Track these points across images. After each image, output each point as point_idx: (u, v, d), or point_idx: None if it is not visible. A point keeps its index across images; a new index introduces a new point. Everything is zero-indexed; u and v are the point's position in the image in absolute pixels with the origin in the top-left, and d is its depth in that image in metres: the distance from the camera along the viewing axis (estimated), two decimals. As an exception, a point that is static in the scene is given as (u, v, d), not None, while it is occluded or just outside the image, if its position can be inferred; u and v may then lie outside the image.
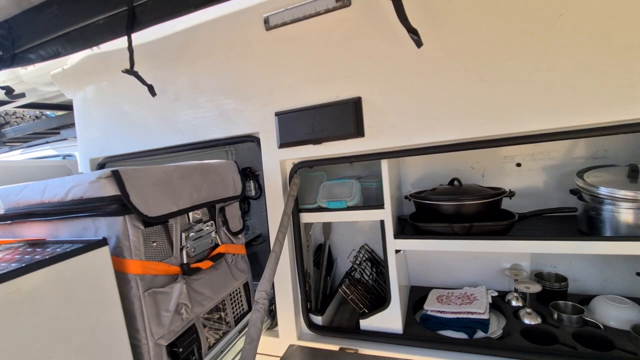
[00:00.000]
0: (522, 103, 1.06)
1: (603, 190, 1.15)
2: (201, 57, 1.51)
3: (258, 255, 2.29)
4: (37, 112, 3.02)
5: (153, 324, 0.92)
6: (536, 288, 1.36)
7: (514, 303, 1.46)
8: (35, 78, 2.08)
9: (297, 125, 1.34)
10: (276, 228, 1.22)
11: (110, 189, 0.86)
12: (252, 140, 1.47)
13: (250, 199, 2.44)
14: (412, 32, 1.06)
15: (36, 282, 0.70)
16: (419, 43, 1.07)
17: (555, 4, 1.00)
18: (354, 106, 1.24)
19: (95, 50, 1.76)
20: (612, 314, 1.26)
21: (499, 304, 1.47)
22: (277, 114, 1.37)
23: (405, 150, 1.25)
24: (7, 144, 3.08)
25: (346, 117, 1.26)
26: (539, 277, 1.51)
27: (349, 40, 1.25)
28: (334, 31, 1.26)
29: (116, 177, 0.87)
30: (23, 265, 0.70)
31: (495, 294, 1.48)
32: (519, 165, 1.56)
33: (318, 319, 1.47)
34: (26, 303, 0.67)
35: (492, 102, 1.09)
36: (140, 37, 1.53)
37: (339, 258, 1.96)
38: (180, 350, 1.00)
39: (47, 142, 2.66)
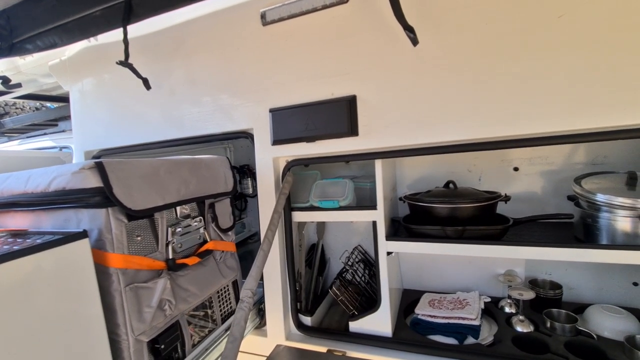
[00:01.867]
0: (520, 105, 1.04)
1: (600, 197, 1.12)
2: (197, 51, 1.49)
3: (253, 253, 2.26)
4: (37, 103, 3.03)
5: (134, 319, 0.91)
6: (529, 295, 1.33)
7: (507, 310, 1.44)
8: (33, 69, 2.08)
9: (291, 123, 1.32)
10: (266, 226, 1.20)
11: (93, 181, 0.84)
12: (246, 136, 1.45)
13: (247, 196, 2.42)
14: (409, 30, 1.04)
15: (13, 272, 0.68)
16: (415, 41, 1.05)
17: (555, 5, 0.97)
18: (349, 104, 1.22)
19: (92, 42, 1.75)
20: (606, 324, 1.23)
21: (491, 310, 1.45)
22: (272, 111, 1.35)
23: (400, 151, 1.23)
24: (5, 134, 3.09)
25: (340, 115, 1.24)
26: (533, 283, 1.48)
27: (345, 38, 1.23)
28: (330, 28, 1.24)
29: (99, 168, 0.85)
30: (0, 254, 0.68)
31: (489, 299, 1.45)
32: (516, 169, 1.54)
33: (307, 320, 1.44)
34: (1, 293, 0.66)
35: (489, 104, 1.07)
36: (136, 30, 1.52)
37: (332, 258, 1.94)
38: (162, 347, 0.98)
39: (45, 134, 2.65)
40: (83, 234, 0.81)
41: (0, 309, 0.66)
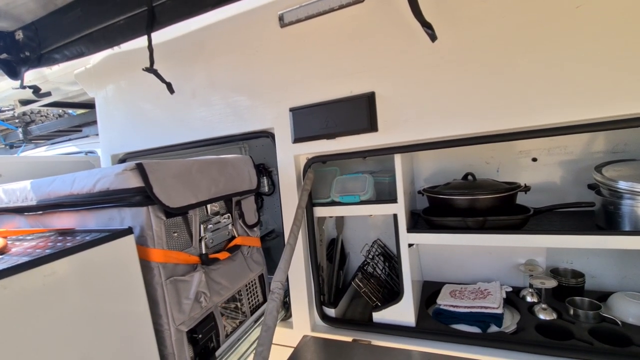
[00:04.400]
0: (539, 96, 1.05)
1: (622, 185, 1.13)
2: (217, 55, 1.55)
3: (271, 250, 2.33)
4: (60, 111, 3.14)
5: (174, 310, 0.96)
6: (552, 283, 1.34)
7: (528, 299, 1.45)
8: (59, 78, 2.18)
9: (311, 121, 1.36)
10: (290, 222, 1.25)
11: (134, 181, 0.90)
12: (267, 135, 1.50)
13: (263, 195, 2.48)
14: (427, 26, 1.06)
15: (69, 266, 0.75)
16: (433, 37, 1.07)
17: (573, -5, 0.99)
18: (368, 101, 1.26)
19: (116, 49, 1.82)
20: (630, 310, 1.23)
21: (513, 299, 1.47)
22: (292, 110, 1.40)
23: (419, 145, 1.25)
24: (32, 141, 3.23)
25: (360, 112, 1.27)
26: (554, 273, 1.49)
27: (362, 36, 1.26)
28: (347, 27, 1.28)
29: (140, 169, 0.91)
30: (57, 251, 0.74)
31: (510, 289, 1.47)
32: (534, 160, 1.55)
33: (331, 312, 1.49)
34: (60, 286, 0.72)
35: (507, 95, 1.08)
36: (158, 36, 1.57)
37: (352, 253, 1.98)
38: (200, 336, 1.04)
39: (69, 140, 2.76)
40: (128, 231, 0.87)
41: (60, 300, 0.72)
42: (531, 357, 1.14)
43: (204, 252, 1.11)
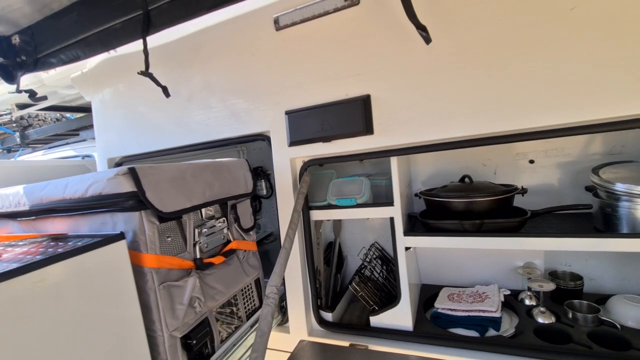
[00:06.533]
0: (535, 98, 1.05)
1: (619, 187, 1.12)
2: (213, 58, 1.54)
3: (269, 253, 2.32)
4: (58, 114, 3.14)
5: (168, 316, 0.95)
6: (550, 286, 1.33)
7: (527, 302, 1.44)
8: (56, 82, 2.17)
9: (307, 124, 1.36)
10: (286, 225, 1.24)
11: (127, 186, 0.89)
12: (263, 139, 1.49)
13: (261, 198, 2.47)
14: (421, 28, 1.06)
15: (59, 272, 0.74)
16: (427, 40, 1.07)
17: (568, -3, 0.98)
18: (363, 104, 1.25)
19: (112, 53, 1.82)
20: (630, 313, 1.22)
21: (511, 302, 1.45)
22: (287, 113, 1.39)
23: (415, 147, 1.25)
24: (30, 145, 3.22)
25: (355, 114, 1.27)
26: (553, 275, 1.48)
27: (357, 39, 1.25)
28: (343, 30, 1.27)
29: (133, 174, 0.90)
30: (47, 257, 0.74)
31: (508, 292, 1.46)
32: (532, 162, 1.54)
33: (328, 316, 1.48)
34: (50, 292, 0.71)
35: (503, 98, 1.08)
36: (154, 40, 1.58)
37: (349, 256, 1.97)
38: (194, 342, 1.03)
39: (67, 144, 2.76)
40: (120, 236, 0.86)
41: (49, 307, 0.71)
42: (529, 361, 1.13)
43: (198, 256, 1.10)
